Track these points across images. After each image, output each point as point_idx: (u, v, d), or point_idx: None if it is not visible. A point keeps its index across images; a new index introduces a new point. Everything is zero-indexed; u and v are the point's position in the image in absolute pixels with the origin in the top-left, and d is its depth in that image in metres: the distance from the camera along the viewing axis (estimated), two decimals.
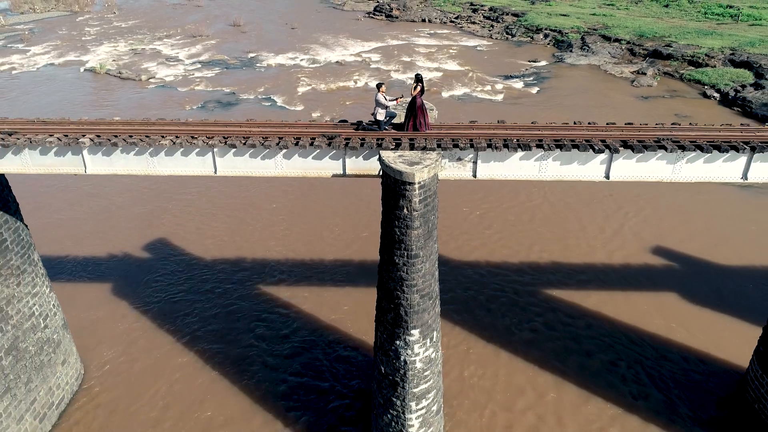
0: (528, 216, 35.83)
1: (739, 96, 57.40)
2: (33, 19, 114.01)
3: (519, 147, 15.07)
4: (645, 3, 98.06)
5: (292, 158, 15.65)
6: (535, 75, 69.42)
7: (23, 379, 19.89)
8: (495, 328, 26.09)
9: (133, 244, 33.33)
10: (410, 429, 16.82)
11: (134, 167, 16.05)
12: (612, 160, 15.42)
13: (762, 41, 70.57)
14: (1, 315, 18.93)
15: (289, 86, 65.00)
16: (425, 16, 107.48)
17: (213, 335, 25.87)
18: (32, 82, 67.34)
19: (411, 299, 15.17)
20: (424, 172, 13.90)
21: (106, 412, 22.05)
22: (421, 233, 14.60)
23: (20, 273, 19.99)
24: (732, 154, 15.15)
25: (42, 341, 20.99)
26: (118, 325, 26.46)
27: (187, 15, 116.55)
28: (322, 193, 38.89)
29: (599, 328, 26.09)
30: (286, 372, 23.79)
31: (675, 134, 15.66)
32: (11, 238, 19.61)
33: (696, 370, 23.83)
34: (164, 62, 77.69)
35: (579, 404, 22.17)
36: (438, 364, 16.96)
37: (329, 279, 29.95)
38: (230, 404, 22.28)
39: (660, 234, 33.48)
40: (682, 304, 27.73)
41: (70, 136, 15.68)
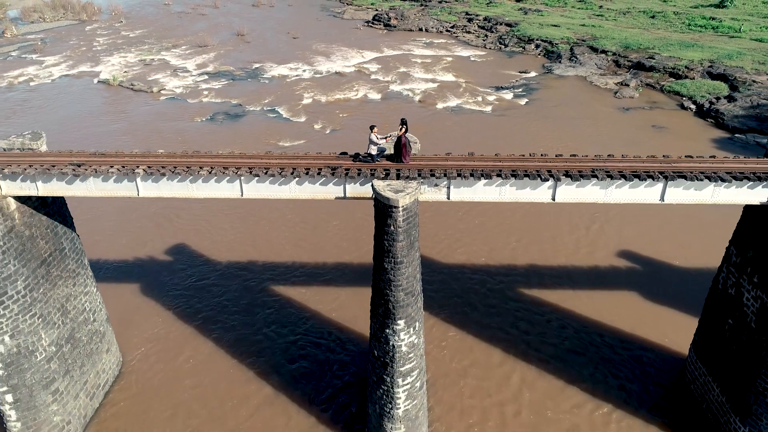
0: (507, 225, 39.83)
1: (713, 108, 61.51)
2: (43, 28, 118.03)
3: (482, 176, 19.15)
4: (633, 14, 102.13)
5: (303, 184, 19.71)
6: (525, 86, 73.48)
7: (78, 363, 23.97)
8: (473, 320, 30.16)
9: (154, 245, 37.49)
10: (398, 401, 20.91)
11: (177, 191, 20.11)
12: (557, 186, 19.47)
13: (740, 54, 74.63)
14: (62, 310, 23.02)
15: (292, 98, 69.07)
16: (422, 25, 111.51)
17: (233, 327, 29.94)
18: (50, 93, 71.42)
19: (397, 296, 19.25)
20: (406, 198, 17.98)
21: (143, 394, 26.10)
22: (405, 245, 18.68)
23: (75, 275, 24.09)
24: (650, 181, 19.22)
25: (92, 332, 25.07)
26: (150, 319, 30.58)
27: (192, 24, 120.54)
28: (325, 209, 42.89)
29: (567, 322, 30.17)
30: (295, 354, 27.91)
31: (607, 165, 19.72)
32: (69, 247, 23.72)
33: (649, 357, 27.91)
34: (173, 73, 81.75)
35: (542, 382, 26.24)
36: (420, 348, 21.04)
37: (332, 280, 34.03)
38: (250, 383, 26.34)
39: (626, 240, 37.57)
40: (641, 301, 31.85)
41: (127, 167, 19.73)
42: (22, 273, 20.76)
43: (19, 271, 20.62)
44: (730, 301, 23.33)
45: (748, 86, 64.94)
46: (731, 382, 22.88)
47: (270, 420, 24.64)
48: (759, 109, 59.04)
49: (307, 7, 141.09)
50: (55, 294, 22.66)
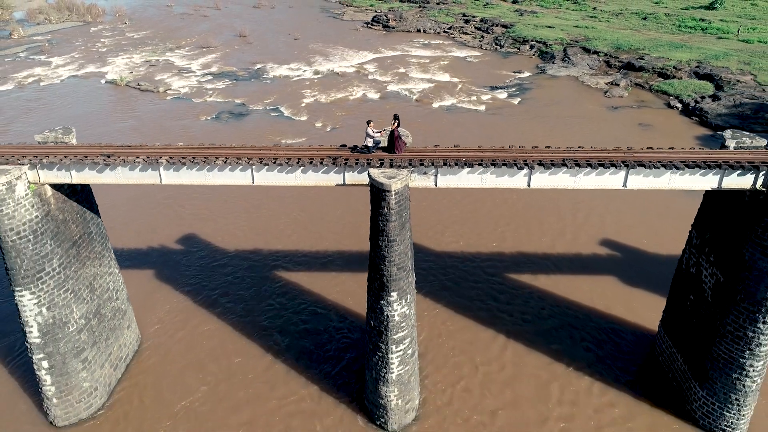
0: (496, 215, 42.40)
1: (698, 107, 64.11)
2: (49, 29, 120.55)
3: (466, 165, 21.71)
4: (625, 15, 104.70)
5: (308, 173, 22.24)
6: (518, 86, 76.06)
7: (104, 336, 26.54)
8: (461, 295, 32.73)
9: (163, 232, 40.22)
10: (391, 366, 23.46)
11: (195, 179, 22.66)
12: (531, 174, 22.02)
13: (726, 54, 77.25)
14: (90, 288, 25.58)
15: (294, 98, 71.65)
16: (420, 26, 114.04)
17: (241, 307, 32.52)
18: (60, 93, 74.00)
19: (390, 271, 21.81)
20: (398, 183, 20.53)
21: (160, 367, 28.65)
22: (397, 225, 21.23)
23: (101, 257, 26.66)
24: (614, 170, 21.78)
25: (115, 309, 27.64)
26: (165, 299, 33.19)
27: (194, 25, 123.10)
28: (324, 199, 45.52)
29: (550, 302, 32.75)
30: (298, 324, 30.52)
31: (576, 155, 22.27)
32: (95, 231, 26.30)
33: (623, 333, 30.46)
34: (178, 74, 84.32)
35: (525, 355, 28.80)
36: (412, 318, 23.59)
37: (332, 263, 36.60)
38: (258, 356, 28.91)
39: (606, 229, 40.16)
40: (617, 284, 34.44)
41: (151, 158, 22.27)
42: (57, 252, 23.33)
43: (55, 251, 23.19)
44: (692, 280, 25.91)
45: (733, 86, 67.52)
46: (692, 351, 25.44)
47: (278, 378, 27.21)
48: (741, 107, 61.62)
49: (307, 8, 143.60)
50: (84, 273, 25.23)
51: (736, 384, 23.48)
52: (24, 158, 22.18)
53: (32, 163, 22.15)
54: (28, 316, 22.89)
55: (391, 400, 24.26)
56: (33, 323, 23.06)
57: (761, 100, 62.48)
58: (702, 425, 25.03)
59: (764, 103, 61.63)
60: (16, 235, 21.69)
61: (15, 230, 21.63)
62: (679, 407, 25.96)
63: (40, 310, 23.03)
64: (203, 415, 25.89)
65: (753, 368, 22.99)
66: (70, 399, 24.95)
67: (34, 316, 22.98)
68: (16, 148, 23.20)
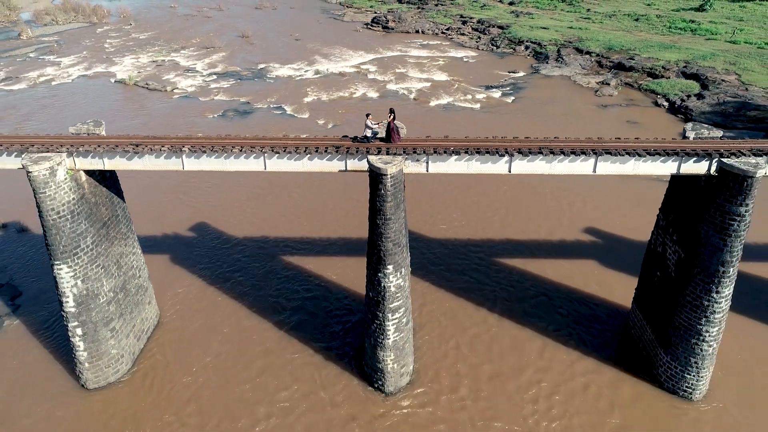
0: (486, 206, 45.29)
1: (683, 105, 67.02)
2: (56, 30, 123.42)
3: (453, 153, 24.57)
4: (618, 17, 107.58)
5: (314, 160, 25.08)
6: (513, 85, 78.97)
7: (128, 309, 29.40)
8: (456, 276, 35.62)
9: (174, 217, 43.44)
10: (387, 332, 26.32)
11: (214, 166, 25.51)
12: (512, 161, 24.87)
13: (713, 54, 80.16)
14: (117, 265, 28.46)
15: (296, 96, 74.56)
16: (419, 27, 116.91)
17: (252, 282, 35.40)
18: (71, 93, 76.90)
19: (387, 246, 24.67)
20: (393, 168, 23.38)
21: (177, 340, 31.50)
22: (392, 205, 24.10)
23: (126, 237, 29.55)
24: (584, 157, 24.64)
25: (137, 286, 30.51)
26: (180, 280, 36.10)
27: (198, 26, 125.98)
28: (328, 184, 48.42)
29: (533, 281, 35.62)
30: (304, 297, 33.42)
31: (551, 144, 25.13)
32: (121, 214, 29.18)
33: (602, 309, 33.36)
34: (184, 73, 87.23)
35: (513, 332, 31.66)
36: (406, 289, 26.45)
37: (334, 245, 39.48)
38: (268, 322, 31.78)
39: (589, 218, 43.06)
40: (597, 266, 37.35)
41: (174, 147, 25.13)
42: (90, 231, 26.20)
43: (88, 230, 26.07)
44: (658, 258, 28.79)
45: (717, 85, 70.43)
46: (658, 322, 28.31)
47: (286, 340, 30.12)
48: (724, 105, 64.50)
49: (308, 9, 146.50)
50: (113, 251, 28.11)
51: (695, 348, 26.34)
52: (62, 147, 25.06)
53: (69, 151, 25.03)
54: (65, 287, 25.75)
55: (388, 364, 27.12)
56: (69, 294, 25.92)
57: (743, 98, 65.36)
58: (666, 387, 27.88)
59: (746, 101, 64.50)
60: (56, 215, 24.56)
61: (55, 210, 24.50)
62: (647, 372, 28.81)
63: (75, 282, 25.89)
64: (222, 369, 29.16)
65: (709, 333, 25.85)
66: (100, 364, 27.80)
67: (70, 288, 25.84)
68: (55, 138, 26.06)
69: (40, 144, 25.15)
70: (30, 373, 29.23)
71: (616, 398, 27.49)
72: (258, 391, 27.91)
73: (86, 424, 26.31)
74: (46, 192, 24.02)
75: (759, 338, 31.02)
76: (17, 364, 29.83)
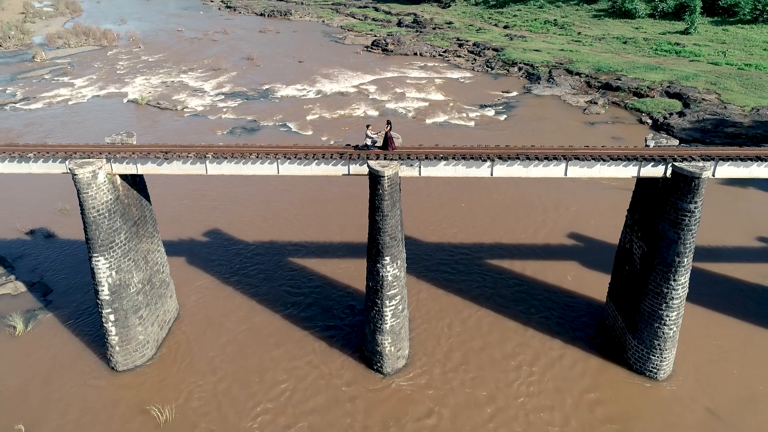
0: (477, 212, 48.92)
1: (666, 122, 71.04)
2: (69, 53, 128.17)
3: (442, 158, 28.27)
4: (607, 40, 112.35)
5: (321, 165, 28.76)
6: (505, 104, 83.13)
7: (153, 300, 32.84)
8: (447, 275, 39.06)
9: (187, 221, 47.03)
10: (386, 317, 29.72)
11: (234, 170, 29.15)
12: (493, 165, 28.54)
13: (696, 75, 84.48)
14: (145, 260, 31.99)
15: (301, 115, 78.67)
16: (417, 50, 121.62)
17: (262, 277, 38.84)
18: (87, 112, 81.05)
19: (384, 239, 28.23)
20: (390, 170, 27.04)
21: (195, 331, 34.86)
22: (389, 203, 27.70)
23: (152, 236, 33.13)
24: (556, 162, 28.31)
25: (161, 280, 33.99)
26: (196, 278, 39.57)
27: (205, 49, 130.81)
28: (329, 193, 52.10)
29: (522, 282, 39.06)
30: (310, 289, 36.84)
31: (527, 151, 28.81)
32: (148, 215, 32.81)
33: (580, 301, 36.81)
34: (192, 93, 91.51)
35: (498, 319, 35.06)
36: (402, 279, 29.90)
37: (335, 248, 43.00)
38: (278, 311, 35.16)
39: (572, 223, 46.67)
40: (577, 266, 40.84)
41: (199, 153, 28.83)
42: (123, 228, 29.78)
43: (122, 227, 29.65)
44: (627, 253, 32.30)
45: (698, 103, 74.57)
46: (627, 310, 31.70)
47: (295, 327, 33.48)
48: (703, 123, 68.50)
49: (310, 33, 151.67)
50: (141, 247, 31.66)
51: (658, 332, 29.71)
52: (101, 154, 28.77)
53: (108, 158, 28.74)
54: (101, 277, 29.24)
55: (386, 347, 30.48)
56: (104, 283, 29.39)
57: (722, 116, 69.39)
58: (635, 369, 31.17)
59: (724, 118, 68.51)
60: (96, 212, 28.17)
61: (96, 208, 28.11)
62: (619, 358, 32.13)
63: (110, 273, 29.38)
64: (242, 345, 33.17)
65: (669, 318, 29.26)
66: (129, 348, 31.16)
67: (106, 278, 29.33)
68: (94, 146, 29.77)
69: (82, 152, 28.84)
70: (64, 358, 32.58)
71: (587, 367, 31.36)
72: (266, 374, 31.27)
73: (117, 398, 29.63)
74: (88, 192, 27.66)
75: (717, 325, 34.57)
76: (52, 351, 33.17)
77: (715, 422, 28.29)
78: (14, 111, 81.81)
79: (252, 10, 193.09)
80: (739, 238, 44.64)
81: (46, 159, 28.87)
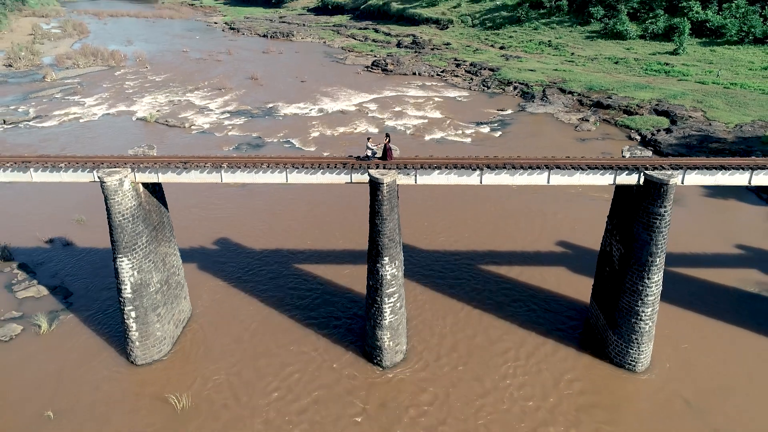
0: (471, 222, 51.75)
1: (653, 138, 74.21)
2: (78, 73, 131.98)
3: (436, 168, 31.16)
4: (599, 60, 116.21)
5: (326, 174, 31.63)
6: (501, 122, 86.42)
7: (170, 300, 35.50)
8: (442, 279, 41.73)
9: (196, 230, 49.78)
10: (384, 314, 32.33)
11: (246, 179, 32.02)
12: (483, 174, 31.42)
13: (683, 94, 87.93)
14: (163, 262, 34.72)
15: (303, 132, 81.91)
16: (416, 70, 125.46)
17: (269, 279, 41.50)
18: (98, 129, 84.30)
19: (383, 241, 30.99)
20: (388, 178, 29.92)
21: (208, 329, 37.44)
22: (388, 208, 30.51)
23: (169, 240, 35.90)
24: (539, 171, 31.18)
25: (176, 282, 36.68)
26: (207, 283, 42.20)
27: (210, 69, 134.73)
28: (330, 204, 54.95)
29: (511, 284, 41.73)
30: (314, 291, 39.45)
31: (513, 161, 31.72)
32: (166, 221, 35.62)
33: (566, 301, 39.43)
34: (199, 112, 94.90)
35: (491, 322, 37.66)
36: (400, 279, 32.59)
37: (337, 254, 45.72)
38: (285, 308, 37.76)
39: (560, 231, 49.47)
40: (567, 271, 43.50)
41: (215, 164, 31.72)
42: (144, 232, 32.57)
43: (144, 231, 32.44)
44: (607, 256, 35.04)
45: (685, 120, 77.83)
46: (608, 308, 34.35)
47: (301, 324, 36.06)
48: (689, 138, 71.64)
49: (312, 54, 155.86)
50: (160, 250, 34.42)
51: (635, 327, 32.32)
52: (126, 164, 31.68)
53: (132, 167, 31.65)
54: (125, 276, 31.95)
55: (385, 342, 33.06)
56: (127, 282, 32.09)
57: (706, 132, 72.59)
58: (615, 362, 33.71)
59: (708, 134, 71.69)
60: (121, 217, 30.98)
61: (121, 213, 30.93)
62: (602, 353, 34.69)
63: (132, 272, 32.09)
64: (251, 340, 35.95)
65: (644, 313, 31.90)
66: (147, 343, 33.73)
67: (128, 277, 32.04)
68: (119, 157, 32.69)
69: (109, 162, 31.77)
70: (85, 353, 35.13)
71: (568, 357, 34.09)
72: (275, 364, 33.85)
73: (137, 388, 32.18)
74: (115, 198, 30.51)
75: (693, 323, 37.26)
76: (74, 347, 35.72)
77: (688, 410, 30.77)
78: (28, 128, 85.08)
79: (255, 32, 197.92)
80: (719, 246, 47.38)
81: (75, 168, 31.78)
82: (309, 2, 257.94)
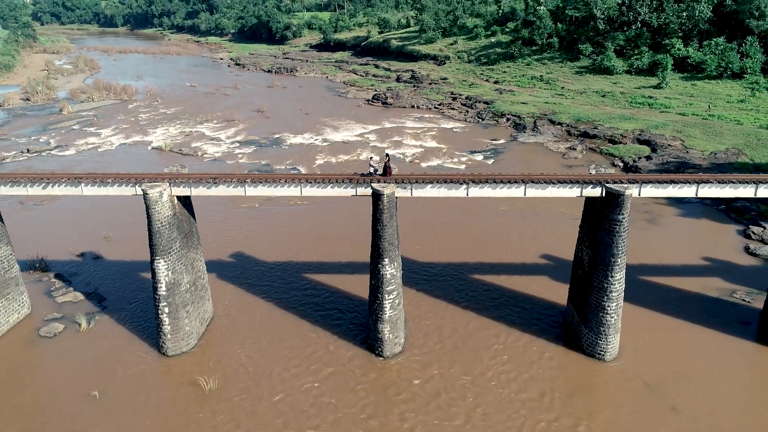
0: (459, 234, 56.94)
1: (634, 165, 79.93)
2: (92, 106, 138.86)
3: (429, 182, 36.55)
4: (588, 93, 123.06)
5: (334, 188, 36.98)
6: (493, 150, 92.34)
7: (196, 299, 40.42)
8: (435, 287, 46.68)
9: (212, 242, 54.79)
10: (385, 309, 37.21)
11: (267, 192, 37.33)
12: (468, 187, 36.75)
13: (664, 124, 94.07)
14: (192, 266, 39.79)
15: (309, 159, 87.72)
16: (414, 103, 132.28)
17: (279, 293, 46.43)
18: (116, 156, 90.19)
19: (384, 244, 36.12)
20: (388, 190, 35.24)
21: (228, 326, 42.27)
22: (387, 215, 35.74)
23: (196, 247, 41.04)
24: (517, 185, 36.54)
25: (202, 284, 41.67)
26: (226, 287, 47.18)
27: (218, 102, 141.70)
28: (337, 219, 60.21)
29: (499, 291, 46.68)
30: (324, 297, 44.33)
31: (495, 176, 37.09)
32: (194, 230, 40.85)
33: (547, 304, 44.32)
34: (210, 141, 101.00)
35: (480, 320, 42.49)
36: (398, 278, 37.57)
37: (344, 264, 50.73)
38: (298, 310, 42.60)
39: (541, 243, 54.62)
40: (547, 279, 48.49)
41: (240, 180, 37.10)
42: (177, 238, 37.74)
43: (177, 237, 37.61)
44: (579, 260, 40.12)
45: (665, 149, 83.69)
46: (580, 305, 39.25)
47: (312, 323, 40.86)
48: (667, 165, 77.35)
49: (315, 87, 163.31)
50: (189, 255, 39.53)
51: (602, 320, 37.18)
52: (164, 179, 37.07)
53: (170, 182, 37.02)
54: (161, 276, 36.97)
55: (385, 334, 37.87)
56: (163, 281, 37.10)
57: (684, 159, 78.36)
58: (587, 353, 38.45)
59: (685, 161, 77.43)
60: (160, 224, 36.19)
61: (160, 221, 36.15)
62: (576, 346, 39.45)
63: (167, 273, 37.13)
64: (268, 333, 40.54)
65: (610, 308, 36.80)
66: (177, 336, 38.53)
67: (164, 277, 37.06)
68: (157, 174, 38.09)
69: (149, 178, 37.18)
70: (121, 347, 39.90)
71: (545, 350, 38.58)
72: (289, 351, 38.62)
73: (169, 374, 36.89)
74: (155, 208, 35.79)
75: (657, 321, 42.16)
76: (111, 342, 40.50)
77: (650, 392, 35.40)
78: (51, 157, 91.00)
79: (260, 67, 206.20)
80: (688, 258, 52.45)
81: (120, 184, 37.18)
82: (311, 39, 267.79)
